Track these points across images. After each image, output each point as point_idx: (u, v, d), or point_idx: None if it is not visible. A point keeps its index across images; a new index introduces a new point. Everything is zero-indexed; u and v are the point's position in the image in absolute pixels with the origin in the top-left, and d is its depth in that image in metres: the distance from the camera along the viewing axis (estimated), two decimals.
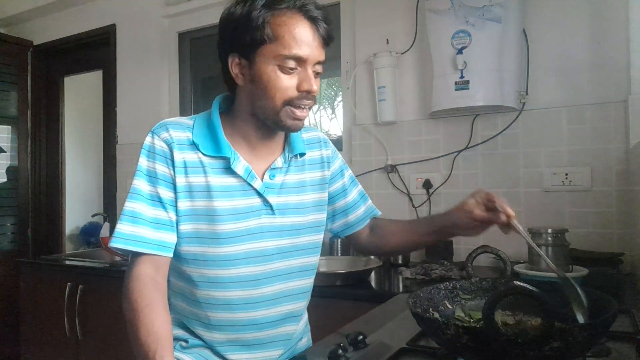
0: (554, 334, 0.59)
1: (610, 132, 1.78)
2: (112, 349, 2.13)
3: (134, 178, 0.94)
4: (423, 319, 0.73)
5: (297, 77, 0.92)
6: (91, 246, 3.35)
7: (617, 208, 1.76)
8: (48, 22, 3.39)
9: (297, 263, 1.03)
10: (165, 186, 0.94)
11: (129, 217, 0.91)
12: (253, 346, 1.00)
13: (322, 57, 0.94)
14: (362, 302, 1.51)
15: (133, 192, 0.93)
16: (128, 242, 0.90)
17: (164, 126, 0.97)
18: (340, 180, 1.14)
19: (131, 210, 0.91)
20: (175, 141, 0.94)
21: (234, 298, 0.97)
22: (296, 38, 0.89)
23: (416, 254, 2.09)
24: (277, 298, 1.00)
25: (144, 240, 0.90)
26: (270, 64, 0.90)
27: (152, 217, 0.92)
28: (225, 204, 0.95)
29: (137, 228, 0.90)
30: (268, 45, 0.90)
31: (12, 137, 3.39)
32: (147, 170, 0.94)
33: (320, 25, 0.92)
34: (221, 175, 0.96)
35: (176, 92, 2.95)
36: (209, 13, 2.74)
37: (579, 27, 1.84)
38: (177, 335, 1.02)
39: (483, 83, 1.80)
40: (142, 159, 0.96)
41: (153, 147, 0.95)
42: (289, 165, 1.03)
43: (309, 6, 0.91)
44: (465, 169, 2.04)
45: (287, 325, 1.03)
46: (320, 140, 1.12)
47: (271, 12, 0.89)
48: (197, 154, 0.95)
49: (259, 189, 0.97)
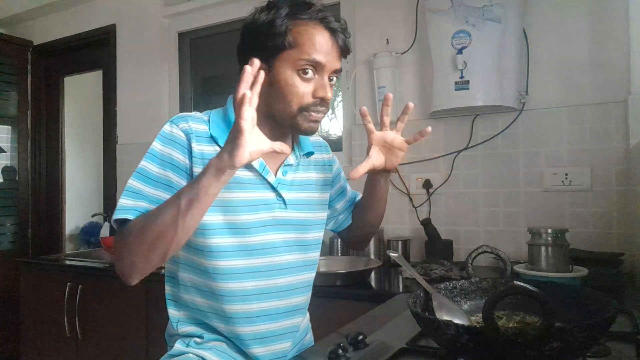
0: (554, 334, 0.59)
1: (610, 132, 1.78)
2: (112, 349, 2.13)
3: (143, 159, 0.94)
4: (423, 319, 0.73)
5: (313, 84, 0.96)
6: (91, 246, 3.35)
7: (617, 208, 1.76)
8: (48, 22, 3.39)
9: (306, 257, 1.08)
10: (179, 173, 0.94)
11: (131, 193, 0.91)
12: (266, 339, 1.02)
13: (338, 66, 0.99)
14: (362, 302, 1.51)
15: (139, 172, 0.93)
16: (127, 212, 0.90)
17: (183, 118, 0.99)
18: (338, 183, 1.22)
19: (134, 187, 0.92)
20: (194, 132, 0.96)
21: (249, 289, 1.00)
22: (315, 45, 0.95)
23: (416, 254, 2.09)
24: (289, 289, 1.04)
25: (141, 210, 0.90)
26: (289, 69, 0.95)
27: (152, 195, 0.92)
28: (241, 196, 0.98)
29: (138, 202, 0.91)
30: (288, 51, 0.95)
31: (12, 137, 3.39)
32: (160, 153, 0.94)
33: (339, 36, 0.98)
34: None
35: (176, 92, 2.95)
36: (209, 13, 2.74)
37: (579, 27, 1.84)
38: (191, 332, 1.03)
39: (483, 83, 1.80)
40: (157, 143, 0.95)
41: (171, 135, 0.96)
42: (299, 163, 1.08)
43: (329, 18, 0.98)
44: (465, 169, 2.05)
45: (295, 318, 1.07)
46: (322, 144, 1.20)
47: (294, 21, 0.95)
48: (215, 147, 0.98)
49: (272, 183, 1.01)
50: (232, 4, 2.62)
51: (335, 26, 0.97)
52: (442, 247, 1.94)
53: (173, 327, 1.05)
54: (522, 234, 1.86)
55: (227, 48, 2.73)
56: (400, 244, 2.02)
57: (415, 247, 2.09)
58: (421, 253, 2.05)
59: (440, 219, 2.07)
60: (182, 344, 1.03)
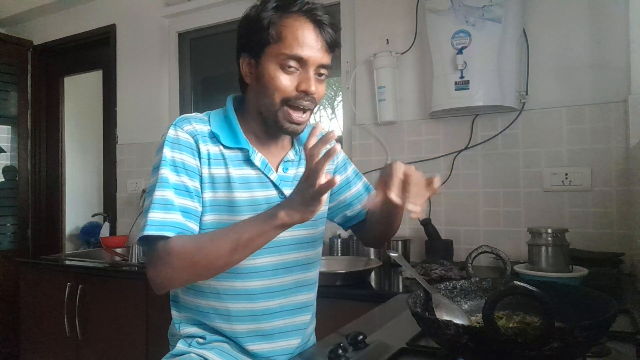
0: (554, 334, 0.59)
1: (610, 132, 1.78)
2: (112, 349, 2.13)
3: (160, 168, 0.93)
4: (423, 319, 0.73)
5: (297, 77, 0.94)
6: (91, 246, 3.34)
7: (617, 208, 1.76)
8: (48, 22, 3.39)
9: (311, 254, 1.08)
10: (191, 176, 0.95)
11: (160, 205, 0.90)
12: (272, 336, 1.02)
13: (325, 60, 0.96)
14: (362, 302, 1.51)
15: (161, 181, 0.91)
16: (161, 229, 0.88)
17: (186, 119, 0.99)
18: (343, 174, 1.18)
19: (162, 198, 0.90)
20: (199, 133, 0.97)
21: (254, 288, 1.00)
22: (298, 39, 0.93)
23: (416, 254, 2.09)
24: (294, 287, 1.04)
25: (179, 226, 0.90)
26: (273, 63, 0.94)
27: (180, 205, 0.92)
28: (245, 195, 0.98)
29: (169, 214, 0.89)
30: (272, 46, 0.94)
31: (12, 137, 3.39)
32: (171, 160, 0.94)
33: (325, 29, 0.95)
34: (240, 167, 0.99)
35: (176, 92, 2.95)
36: (209, 13, 2.74)
37: (579, 27, 1.84)
38: (193, 332, 1.03)
39: (483, 83, 1.80)
40: (167, 149, 0.94)
41: (178, 139, 0.96)
42: (300, 158, 1.07)
43: (316, 11, 0.95)
44: (465, 169, 2.04)
45: (301, 315, 1.07)
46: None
47: (279, 15, 0.94)
48: (219, 146, 0.98)
49: (275, 180, 1.01)
50: (232, 4, 2.62)
51: (321, 18, 0.95)
52: (442, 247, 1.94)
53: (175, 327, 1.05)
54: (522, 234, 1.86)
55: (227, 48, 2.73)
56: (400, 244, 2.02)
57: (415, 247, 2.09)
58: (421, 253, 2.05)
59: (440, 219, 2.07)
60: (185, 344, 1.03)
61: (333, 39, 0.97)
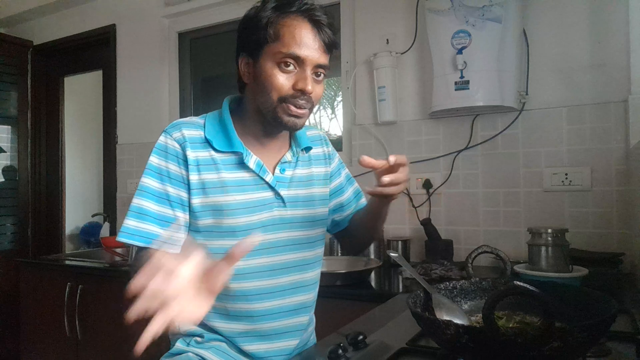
0: (554, 334, 0.59)
1: (610, 132, 1.78)
2: (112, 349, 2.13)
3: (143, 175, 0.97)
4: (423, 319, 0.73)
5: (294, 76, 0.95)
6: (91, 246, 3.35)
7: (617, 208, 1.76)
8: (48, 22, 3.39)
9: (309, 255, 1.08)
10: (176, 185, 0.96)
11: (135, 213, 0.94)
12: (269, 336, 1.03)
13: (322, 60, 0.96)
14: (362, 302, 1.51)
15: (141, 189, 0.95)
16: (133, 237, 0.92)
17: (177, 126, 0.99)
18: (337, 179, 1.19)
19: (138, 206, 0.94)
20: (187, 140, 0.97)
21: (250, 289, 1.00)
22: (296, 38, 0.93)
23: (416, 254, 2.09)
24: (291, 288, 1.04)
25: (149, 236, 0.92)
26: (270, 62, 0.94)
27: (158, 213, 0.94)
28: (239, 198, 0.98)
29: (142, 224, 0.93)
30: (270, 45, 0.94)
31: (12, 137, 3.39)
32: (157, 167, 0.97)
33: (323, 29, 0.95)
34: (234, 171, 0.99)
35: (176, 92, 2.95)
36: (209, 13, 2.74)
37: (579, 27, 1.84)
38: (192, 330, 1.04)
39: (483, 83, 1.80)
40: (154, 157, 0.97)
41: (165, 147, 0.97)
42: (297, 159, 1.08)
43: (315, 12, 0.95)
44: (465, 169, 2.05)
45: (300, 316, 1.07)
46: (322, 138, 1.18)
47: (278, 14, 0.94)
48: (209, 151, 0.98)
49: (270, 182, 1.01)
50: (232, 4, 2.62)
51: (319, 19, 0.95)
52: (442, 247, 1.94)
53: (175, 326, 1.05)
54: (522, 234, 1.86)
55: (227, 48, 2.73)
56: (400, 244, 2.03)
57: (415, 247, 2.09)
58: (421, 253, 2.05)
59: (440, 219, 2.07)
60: (183, 343, 1.04)
61: (331, 40, 0.97)
